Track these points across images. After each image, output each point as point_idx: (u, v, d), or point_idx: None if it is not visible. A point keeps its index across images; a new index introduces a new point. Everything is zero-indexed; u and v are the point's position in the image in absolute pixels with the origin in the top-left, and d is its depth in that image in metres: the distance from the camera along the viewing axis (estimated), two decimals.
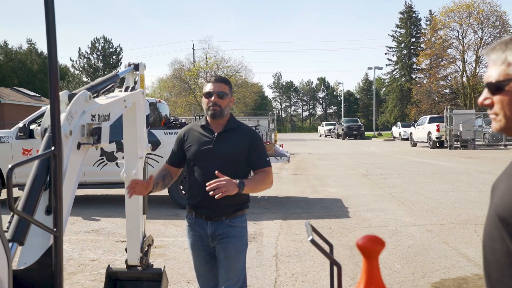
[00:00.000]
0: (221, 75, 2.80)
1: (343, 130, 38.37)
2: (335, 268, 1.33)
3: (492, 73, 1.16)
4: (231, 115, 2.73)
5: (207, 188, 2.33)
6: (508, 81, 1.12)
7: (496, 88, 1.15)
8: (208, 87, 2.63)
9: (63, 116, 2.24)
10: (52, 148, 1.63)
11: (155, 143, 7.74)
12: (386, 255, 5.01)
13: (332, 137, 43.11)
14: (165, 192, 8.15)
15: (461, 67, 38.75)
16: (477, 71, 37.49)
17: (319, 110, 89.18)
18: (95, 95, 2.69)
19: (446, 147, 23.16)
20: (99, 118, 2.56)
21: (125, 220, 3.47)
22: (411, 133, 27.33)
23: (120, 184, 7.30)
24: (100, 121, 2.58)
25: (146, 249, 3.59)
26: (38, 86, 43.64)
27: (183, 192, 7.75)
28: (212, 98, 2.59)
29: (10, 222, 1.87)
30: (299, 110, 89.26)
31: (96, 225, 6.56)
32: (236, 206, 2.59)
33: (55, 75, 1.59)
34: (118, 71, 3.32)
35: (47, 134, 2.17)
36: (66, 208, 2.25)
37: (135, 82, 3.46)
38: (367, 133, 43.41)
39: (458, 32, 37.93)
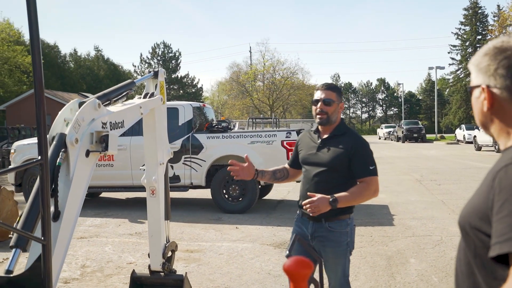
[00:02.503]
0: (330, 82, 2.86)
1: (402, 133, 37.11)
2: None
3: None
4: (341, 121, 2.79)
5: (304, 208, 2.53)
6: None
7: None
8: (317, 95, 2.74)
9: (70, 124, 2.34)
10: (39, 157, 1.69)
11: (198, 147, 7.89)
12: (424, 267, 4.79)
13: (391, 140, 41.86)
14: (209, 195, 8.28)
15: None
16: None
17: (379, 112, 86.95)
18: (106, 102, 2.77)
19: None
20: (112, 126, 2.62)
21: (170, 222, 3.59)
22: (475, 136, 25.92)
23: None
24: (113, 128, 2.64)
25: (169, 254, 3.67)
26: None
27: (226, 196, 7.84)
28: (319, 105, 2.69)
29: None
30: (358, 112, 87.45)
31: (140, 227, 6.78)
32: (336, 211, 2.60)
33: (40, 84, 1.53)
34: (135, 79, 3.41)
35: (54, 142, 2.26)
36: (73, 215, 2.31)
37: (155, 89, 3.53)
38: (428, 136, 41.73)
39: None
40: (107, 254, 5.41)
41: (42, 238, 1.64)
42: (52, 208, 2.13)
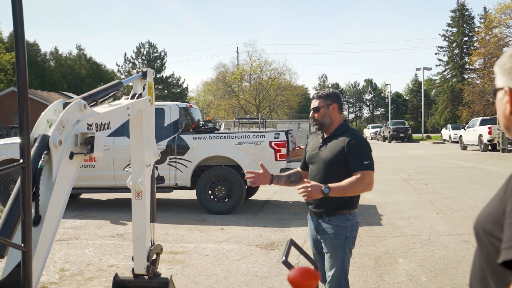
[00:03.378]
0: (320, 92, 3.00)
1: (389, 133, 37.35)
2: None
3: None
4: (344, 122, 2.97)
5: (298, 193, 2.69)
6: None
7: None
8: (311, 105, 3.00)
9: (53, 125, 2.21)
10: (21, 160, 1.57)
11: (184, 147, 7.74)
12: (413, 267, 4.71)
13: (378, 140, 42.07)
14: (193, 196, 8.13)
15: None
16: None
17: (365, 112, 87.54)
18: (92, 103, 2.65)
19: (498, 151, 21.95)
20: (98, 127, 2.52)
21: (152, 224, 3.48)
22: (461, 136, 26.17)
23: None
24: (99, 130, 2.54)
25: (154, 257, 3.54)
26: (86, 91, 45.22)
27: (211, 197, 7.70)
28: (311, 114, 2.97)
29: None
30: (345, 112, 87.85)
31: (122, 229, 6.60)
32: (335, 205, 2.78)
33: (24, 85, 1.48)
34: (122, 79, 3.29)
35: (36, 144, 2.14)
36: (55, 220, 2.20)
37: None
38: (415, 136, 42.04)
39: None
40: (88, 257, 5.24)
41: (22, 245, 1.52)
42: (32, 213, 2.02)
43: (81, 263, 5.03)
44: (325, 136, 2.94)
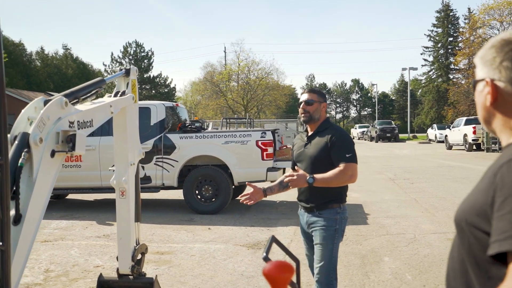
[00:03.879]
0: (311, 87, 3.17)
1: (376, 133, 37.59)
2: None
3: None
4: (326, 119, 3.05)
5: (285, 180, 2.85)
6: None
7: None
8: (301, 98, 3.05)
9: (34, 123, 2.19)
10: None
11: (170, 147, 7.72)
12: (398, 265, 4.76)
13: (365, 140, 42.34)
14: (180, 196, 8.11)
15: None
16: None
17: (353, 112, 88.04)
18: (74, 101, 2.64)
19: (483, 150, 22.25)
20: (80, 125, 2.51)
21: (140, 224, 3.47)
22: (446, 136, 26.44)
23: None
24: (81, 127, 2.52)
25: (139, 257, 3.53)
26: None
27: (199, 196, 7.69)
28: (302, 105, 3.00)
29: None
30: (333, 112, 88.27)
31: (108, 229, 6.56)
32: (325, 200, 2.89)
33: (0, 81, 1.48)
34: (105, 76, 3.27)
35: (16, 142, 2.12)
36: (36, 219, 2.18)
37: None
38: (401, 136, 42.38)
39: (498, 30, 36.50)
40: (73, 258, 5.20)
41: (1, 244, 1.50)
42: (12, 212, 2.01)
43: (66, 264, 4.99)
44: (309, 133, 3.03)
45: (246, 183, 3.16)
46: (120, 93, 3.17)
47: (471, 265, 1.05)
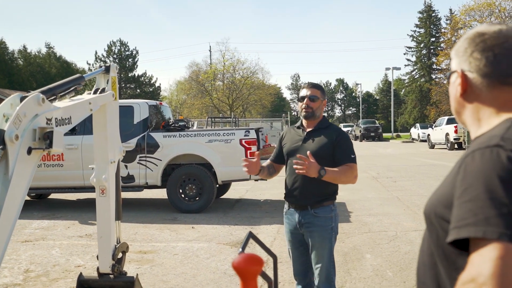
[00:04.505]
0: (315, 82, 3.05)
1: (360, 132, 37.89)
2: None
3: None
4: (324, 117, 3.04)
5: (294, 166, 2.72)
6: None
7: None
8: (303, 92, 2.98)
9: (9, 120, 2.17)
10: None
11: (153, 145, 7.68)
12: (380, 262, 4.81)
13: None
14: (164, 195, 8.07)
15: None
16: None
17: (337, 112, 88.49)
18: (52, 97, 2.61)
19: (464, 149, 22.58)
20: (58, 122, 2.49)
21: (121, 223, 3.45)
22: (428, 135, 26.79)
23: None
24: (59, 124, 2.50)
25: (120, 256, 3.51)
26: None
27: (182, 195, 7.67)
28: (305, 101, 2.93)
29: None
30: None
31: (91, 229, 6.50)
32: (320, 197, 2.85)
33: None
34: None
35: None
36: (12, 218, 2.16)
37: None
38: (385, 135, 42.77)
39: None
40: (54, 258, 5.14)
41: None
42: None
43: (47, 264, 4.93)
44: (308, 128, 2.97)
45: (257, 153, 3.02)
46: (99, 90, 3.15)
47: (440, 257, 1.05)
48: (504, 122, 1.07)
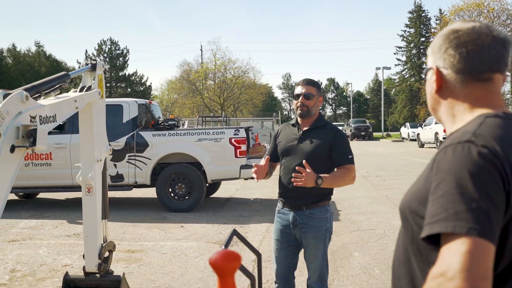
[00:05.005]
0: (310, 78, 2.94)
1: (351, 131, 38.04)
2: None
3: None
4: (320, 114, 2.95)
5: (292, 179, 2.67)
6: None
7: None
8: (298, 90, 2.89)
9: None
10: None
11: (143, 144, 7.65)
12: (368, 260, 4.84)
13: None
14: (154, 194, 8.04)
15: None
16: None
17: (328, 111, 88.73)
18: (36, 95, 2.59)
19: None
20: (42, 120, 2.47)
21: (110, 223, 3.41)
22: (418, 134, 26.95)
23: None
24: (43, 122, 2.48)
25: (107, 255, 3.50)
26: None
27: (172, 194, 7.64)
28: (300, 99, 2.85)
29: None
30: None
31: (79, 228, 6.45)
32: (316, 198, 2.81)
33: None
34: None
35: None
36: None
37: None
38: (375, 134, 42.99)
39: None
40: (41, 257, 5.10)
41: None
42: None
43: (33, 263, 4.89)
44: (303, 127, 2.89)
45: (267, 157, 2.88)
46: (86, 88, 3.13)
47: (414, 252, 1.06)
48: (477, 118, 1.08)
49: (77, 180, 3.26)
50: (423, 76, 1.25)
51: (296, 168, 2.66)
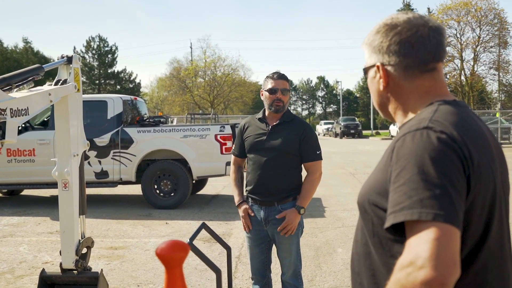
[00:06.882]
0: (281, 73, 2.89)
1: (340, 129, 38.14)
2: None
3: None
4: (287, 109, 2.91)
5: (281, 233, 2.73)
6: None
7: None
8: (272, 83, 2.81)
9: None
10: None
11: (128, 141, 7.58)
12: (350, 256, 4.83)
13: (330, 136, 42.89)
14: (139, 191, 7.98)
15: (459, 65, 38.43)
16: (475, 69, 37.15)
17: (318, 109, 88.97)
18: (7, 87, 2.55)
19: None
20: (13, 113, 2.42)
21: (94, 219, 3.36)
22: None
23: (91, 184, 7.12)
24: (15, 115, 2.44)
25: (85, 251, 3.45)
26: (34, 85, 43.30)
27: (157, 191, 7.59)
28: (277, 94, 2.79)
29: None
30: (299, 109, 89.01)
31: None
32: (287, 193, 2.79)
33: None
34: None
35: None
36: None
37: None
38: (365, 132, 43.15)
39: (456, 30, 37.58)
40: (21, 254, 5.03)
41: None
42: None
43: (13, 261, 4.82)
44: (272, 122, 2.83)
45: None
46: (61, 82, 3.08)
47: (375, 245, 1.04)
48: (430, 106, 1.08)
49: (53, 175, 3.21)
50: (364, 74, 1.24)
51: (277, 229, 2.73)
